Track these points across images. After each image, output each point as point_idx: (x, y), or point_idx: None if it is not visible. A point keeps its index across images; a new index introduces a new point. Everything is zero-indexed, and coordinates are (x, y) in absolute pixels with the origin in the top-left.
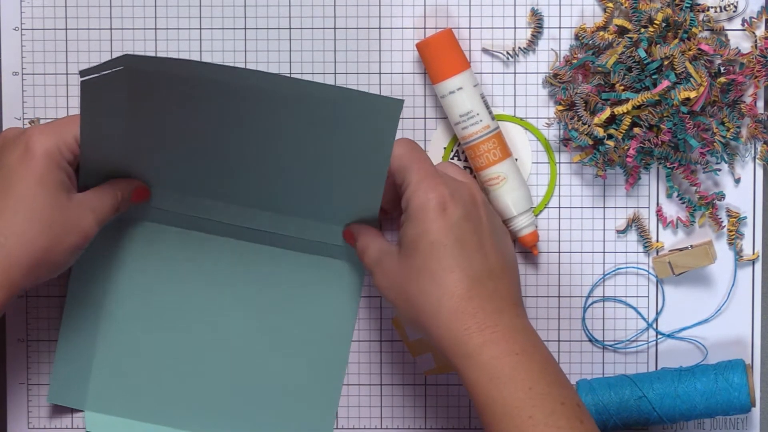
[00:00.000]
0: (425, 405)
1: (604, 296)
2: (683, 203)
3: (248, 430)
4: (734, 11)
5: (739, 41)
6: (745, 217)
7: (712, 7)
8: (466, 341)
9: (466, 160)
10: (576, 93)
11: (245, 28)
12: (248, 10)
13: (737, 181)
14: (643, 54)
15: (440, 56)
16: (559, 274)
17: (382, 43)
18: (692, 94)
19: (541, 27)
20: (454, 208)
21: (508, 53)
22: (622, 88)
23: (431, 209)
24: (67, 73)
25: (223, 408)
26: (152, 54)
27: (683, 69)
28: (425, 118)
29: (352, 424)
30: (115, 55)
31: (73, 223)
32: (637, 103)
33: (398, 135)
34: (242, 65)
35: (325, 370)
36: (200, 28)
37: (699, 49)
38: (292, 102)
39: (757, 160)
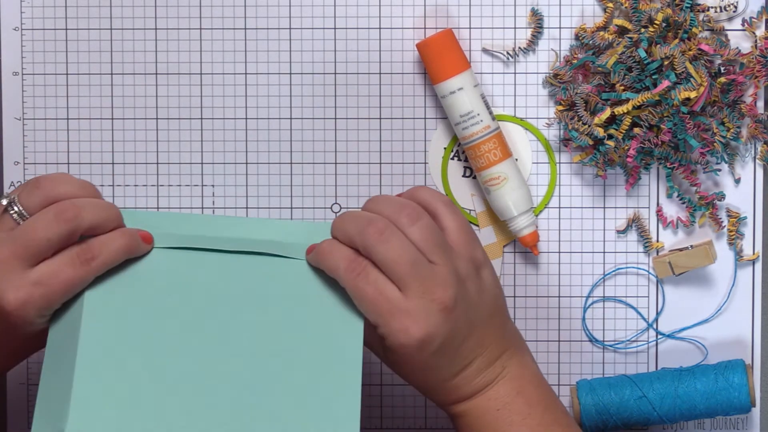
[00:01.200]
0: (425, 405)
1: (604, 296)
2: (683, 203)
3: None
4: (734, 11)
5: (739, 41)
6: (745, 217)
7: (712, 7)
8: (453, 407)
9: (466, 160)
10: (576, 93)
11: (245, 28)
12: (248, 10)
13: (737, 181)
14: (643, 54)
15: (440, 56)
16: (559, 274)
17: (382, 43)
18: (692, 94)
19: (541, 27)
20: (430, 344)
21: (508, 53)
22: (622, 88)
23: (407, 354)
24: (67, 73)
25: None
26: (152, 51)
27: (683, 69)
28: (425, 118)
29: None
30: (115, 55)
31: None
32: (637, 103)
33: (399, 134)
34: (242, 65)
35: (341, 373)
36: (200, 28)
37: (699, 49)
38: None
39: (757, 160)
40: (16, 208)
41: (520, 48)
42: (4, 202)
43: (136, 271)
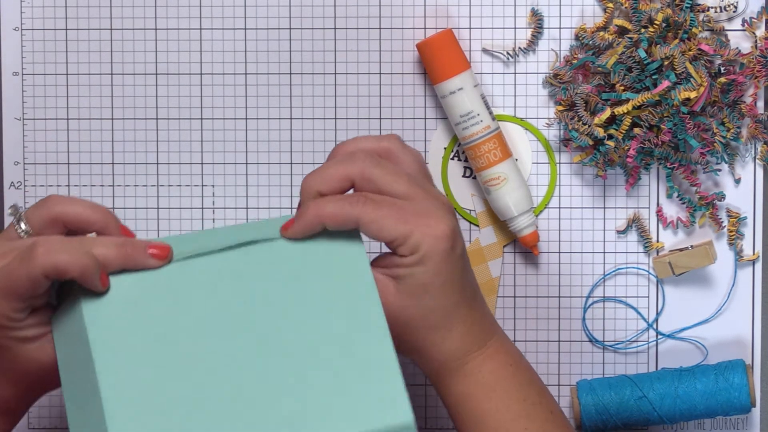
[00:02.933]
0: (425, 405)
1: (604, 296)
2: (683, 203)
3: None
4: (734, 11)
5: (739, 41)
6: (746, 218)
7: (712, 7)
8: (469, 360)
9: (466, 160)
10: (576, 93)
11: (245, 29)
12: (248, 10)
13: (737, 181)
14: (643, 54)
15: (440, 56)
16: (559, 274)
17: (382, 43)
18: (692, 95)
19: (541, 27)
20: (457, 241)
21: (508, 53)
22: (622, 88)
23: (442, 252)
24: (67, 74)
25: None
26: (152, 53)
27: (683, 69)
28: (425, 118)
29: None
30: (115, 55)
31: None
32: (638, 104)
33: (398, 134)
34: (242, 65)
35: (368, 345)
36: (200, 29)
37: (699, 49)
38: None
39: (757, 160)
40: (23, 225)
41: (520, 48)
42: (17, 221)
43: (129, 281)
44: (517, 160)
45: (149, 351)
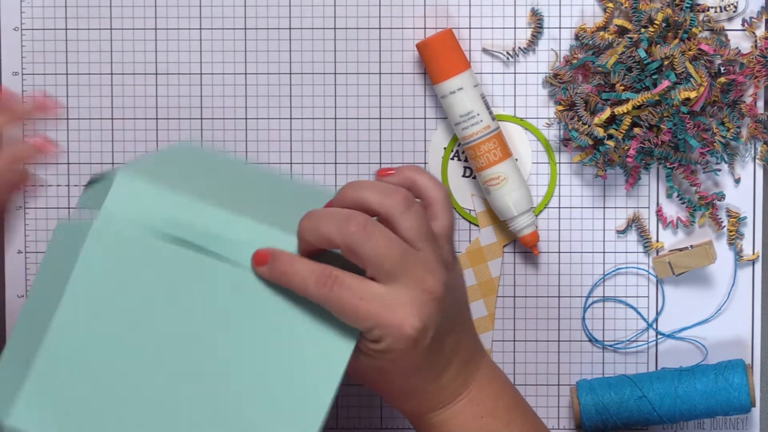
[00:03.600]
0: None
1: (604, 296)
2: (683, 203)
3: None
4: (734, 11)
5: (739, 41)
6: (745, 217)
7: (712, 7)
8: (433, 416)
9: (466, 160)
10: (576, 93)
11: (245, 28)
12: (248, 10)
13: (737, 181)
14: (643, 54)
15: (440, 56)
16: (559, 274)
17: (382, 43)
18: (692, 94)
19: (541, 27)
20: (426, 334)
21: (508, 53)
22: (622, 88)
23: (405, 348)
24: (67, 73)
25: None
26: (152, 53)
27: (683, 69)
28: (425, 118)
29: (352, 424)
30: (115, 55)
31: None
32: (637, 103)
33: (399, 134)
34: (242, 65)
35: (316, 380)
36: (200, 28)
37: (699, 49)
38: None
39: (757, 160)
40: None
41: (520, 48)
42: None
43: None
44: (517, 160)
45: (114, 314)
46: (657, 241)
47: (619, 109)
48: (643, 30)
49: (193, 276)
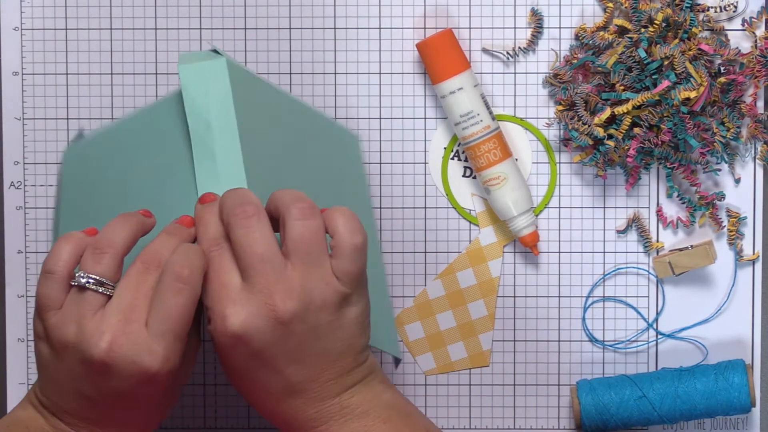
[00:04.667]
0: (425, 405)
1: (604, 296)
2: (683, 203)
3: None
4: (734, 11)
5: (739, 41)
6: (745, 217)
7: (712, 7)
8: None
9: (466, 160)
10: (576, 93)
11: (245, 28)
12: (248, 10)
13: (737, 181)
14: (643, 54)
15: (440, 56)
16: (559, 274)
17: (382, 43)
18: (692, 94)
19: (541, 27)
20: (249, 344)
21: (508, 53)
22: (622, 88)
23: (225, 351)
24: (67, 73)
25: None
26: (152, 53)
27: (683, 69)
28: (425, 118)
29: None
30: (115, 55)
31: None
32: (637, 103)
33: (399, 134)
34: (242, 65)
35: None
36: (200, 28)
37: (699, 49)
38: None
39: (757, 160)
40: (92, 280)
41: (520, 48)
42: (82, 281)
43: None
44: (517, 160)
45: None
46: (657, 241)
47: (619, 109)
48: (643, 30)
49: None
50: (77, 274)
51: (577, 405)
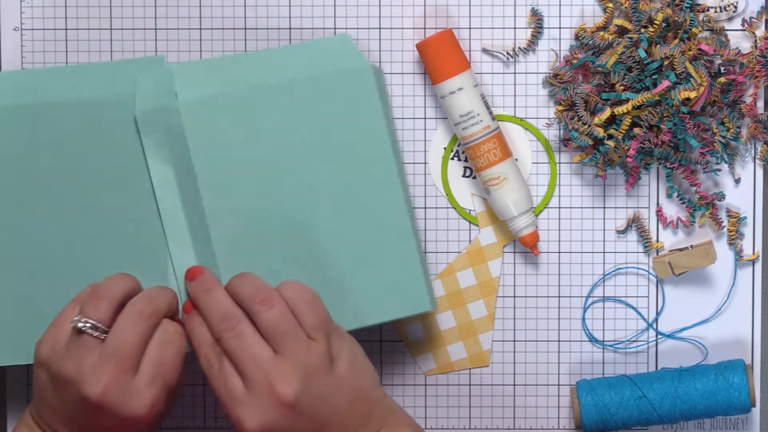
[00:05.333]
0: (425, 405)
1: (604, 296)
2: (683, 203)
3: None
4: (734, 11)
5: (739, 41)
6: (745, 217)
7: (712, 7)
8: None
9: (466, 160)
10: (576, 93)
11: (245, 28)
12: (248, 10)
13: (737, 181)
14: (643, 54)
15: (440, 56)
16: (559, 274)
17: (382, 43)
18: (692, 94)
19: (541, 27)
20: (270, 430)
21: (508, 53)
22: (622, 88)
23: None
24: None
25: None
26: (153, 53)
27: (683, 69)
28: (425, 118)
29: None
30: (115, 55)
31: None
32: (637, 103)
33: (399, 134)
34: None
35: (383, 224)
36: (200, 28)
37: (699, 49)
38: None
39: (757, 160)
40: (89, 324)
41: (520, 48)
42: (80, 325)
43: None
44: (517, 160)
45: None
46: (657, 241)
47: (619, 109)
48: (643, 30)
49: None
50: (75, 318)
51: (577, 405)
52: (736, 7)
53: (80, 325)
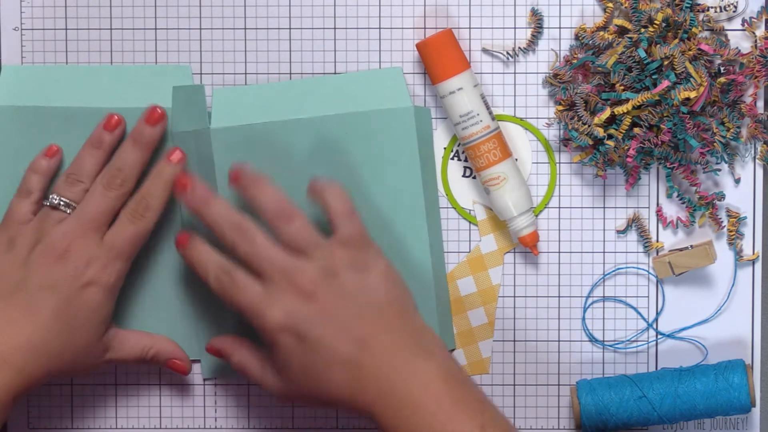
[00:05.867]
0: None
1: (604, 296)
2: (683, 203)
3: None
4: (734, 11)
5: (739, 41)
6: (745, 217)
7: (712, 7)
8: (365, 413)
9: (466, 160)
10: (576, 93)
11: (245, 28)
12: (248, 10)
13: (737, 181)
14: (643, 54)
15: (440, 56)
16: (559, 274)
17: (382, 43)
18: (692, 94)
19: (541, 27)
20: (294, 319)
21: (508, 53)
22: (622, 88)
23: (276, 331)
24: None
25: None
26: (152, 53)
27: (683, 69)
28: None
29: (352, 424)
30: (115, 55)
31: (83, 357)
32: (637, 103)
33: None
34: (242, 65)
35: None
36: (200, 28)
37: (699, 49)
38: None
39: (757, 160)
40: (62, 201)
41: (520, 48)
42: (55, 200)
43: None
44: (516, 160)
45: None
46: (657, 241)
47: (619, 109)
48: (643, 30)
49: None
50: (51, 196)
51: (577, 405)
52: (736, 7)
53: (55, 201)
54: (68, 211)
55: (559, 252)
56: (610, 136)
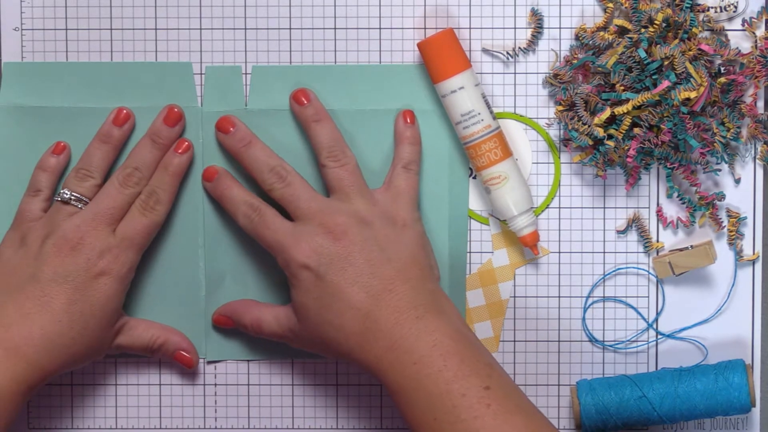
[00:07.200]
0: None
1: (604, 296)
2: (683, 203)
3: None
4: (734, 11)
5: (739, 41)
6: (745, 217)
7: (712, 7)
8: (373, 364)
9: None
10: (576, 93)
11: (245, 28)
12: (248, 10)
13: (737, 181)
14: (643, 54)
15: (441, 56)
16: (559, 274)
17: (383, 43)
18: (692, 94)
19: (541, 27)
20: (318, 253)
21: (508, 53)
22: (622, 88)
23: (298, 265)
24: None
25: None
26: (152, 53)
27: (683, 69)
28: None
29: (352, 424)
30: (116, 55)
31: (95, 347)
32: (637, 104)
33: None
34: (242, 65)
35: None
36: (200, 29)
37: (699, 49)
38: None
39: (757, 160)
40: (74, 196)
41: (520, 48)
42: (66, 195)
43: None
44: (517, 159)
45: None
46: (657, 241)
47: (619, 109)
48: (643, 30)
49: None
50: (61, 191)
51: (577, 405)
52: (736, 7)
53: (66, 196)
54: (79, 206)
55: (560, 252)
56: (610, 137)
